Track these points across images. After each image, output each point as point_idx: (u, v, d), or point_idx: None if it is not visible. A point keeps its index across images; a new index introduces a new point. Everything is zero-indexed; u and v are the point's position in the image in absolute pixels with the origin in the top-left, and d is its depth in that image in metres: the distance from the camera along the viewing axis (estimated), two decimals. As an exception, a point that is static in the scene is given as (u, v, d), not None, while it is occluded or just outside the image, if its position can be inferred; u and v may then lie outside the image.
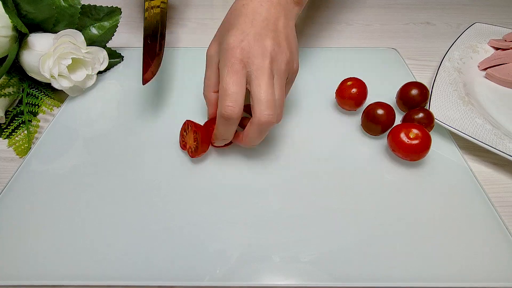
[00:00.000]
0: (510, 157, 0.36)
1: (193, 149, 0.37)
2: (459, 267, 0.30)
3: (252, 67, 0.32)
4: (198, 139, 0.36)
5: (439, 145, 0.41)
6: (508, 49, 0.52)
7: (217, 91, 0.36)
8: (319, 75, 0.50)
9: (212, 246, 0.31)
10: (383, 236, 0.32)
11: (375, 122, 0.39)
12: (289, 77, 0.36)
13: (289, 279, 0.29)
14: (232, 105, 0.32)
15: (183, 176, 0.37)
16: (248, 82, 0.32)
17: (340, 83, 0.44)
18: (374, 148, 0.40)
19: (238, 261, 0.30)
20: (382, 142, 0.41)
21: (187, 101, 0.46)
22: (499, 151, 0.36)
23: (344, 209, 0.34)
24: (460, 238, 0.32)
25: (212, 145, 0.38)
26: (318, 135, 0.41)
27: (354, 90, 0.42)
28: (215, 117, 0.35)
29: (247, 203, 0.34)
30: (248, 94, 0.33)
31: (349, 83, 0.43)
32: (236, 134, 0.36)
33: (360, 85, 0.42)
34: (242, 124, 0.36)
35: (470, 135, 0.38)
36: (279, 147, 0.40)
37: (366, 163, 0.38)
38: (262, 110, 0.32)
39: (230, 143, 0.38)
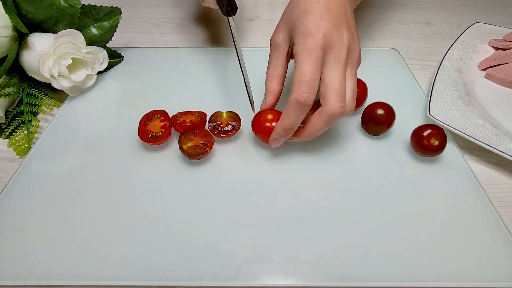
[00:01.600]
0: (510, 157, 0.36)
1: (153, 136, 0.38)
2: (459, 267, 0.30)
3: (330, 55, 0.32)
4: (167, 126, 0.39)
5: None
6: (508, 49, 0.52)
7: (283, 83, 0.37)
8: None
9: (212, 246, 0.31)
10: (383, 236, 0.32)
11: (375, 122, 0.39)
12: (357, 68, 0.35)
13: (289, 279, 0.29)
14: (309, 91, 0.31)
15: (183, 177, 0.37)
16: (322, 70, 0.32)
17: None
18: (374, 148, 0.40)
19: (238, 261, 0.30)
20: (382, 142, 0.41)
21: (187, 101, 0.46)
22: (499, 151, 0.36)
23: (344, 209, 0.34)
24: (460, 238, 0.32)
25: (269, 141, 0.36)
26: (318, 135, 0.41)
27: None
28: (269, 109, 0.36)
29: (247, 204, 0.34)
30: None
31: None
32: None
33: (360, 85, 0.42)
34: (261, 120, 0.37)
35: (470, 135, 0.38)
36: (278, 148, 0.40)
37: (366, 164, 0.38)
38: (335, 101, 0.32)
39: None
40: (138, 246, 0.31)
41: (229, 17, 0.44)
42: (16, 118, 0.42)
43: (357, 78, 0.42)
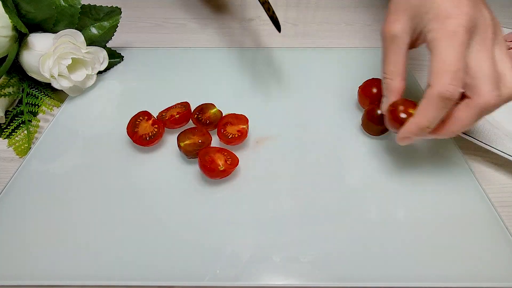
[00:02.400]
0: (510, 157, 0.36)
1: (150, 136, 0.38)
2: (459, 267, 0.30)
3: (475, 38, 0.28)
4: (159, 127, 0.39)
5: (439, 145, 0.41)
6: (509, 49, 0.52)
7: (406, 78, 0.32)
8: (319, 76, 0.50)
9: (212, 247, 0.31)
10: (383, 236, 0.32)
11: (375, 122, 0.39)
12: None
13: (289, 279, 0.29)
14: (456, 83, 0.27)
15: (183, 176, 0.37)
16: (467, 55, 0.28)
17: (366, 83, 0.43)
18: (374, 148, 0.40)
19: (238, 261, 0.30)
20: (382, 142, 0.41)
21: (187, 101, 0.46)
22: (499, 151, 0.36)
23: (344, 209, 0.34)
24: (460, 238, 0.32)
25: (397, 139, 0.32)
26: (318, 135, 0.41)
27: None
28: (390, 107, 0.32)
29: (246, 204, 0.34)
30: None
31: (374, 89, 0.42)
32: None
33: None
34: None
35: (470, 135, 0.38)
36: (278, 148, 0.40)
37: (366, 164, 0.38)
38: (488, 90, 0.27)
39: None
40: (138, 246, 0.31)
41: None
42: (16, 118, 0.42)
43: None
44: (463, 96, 0.29)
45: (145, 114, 0.40)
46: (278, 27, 0.40)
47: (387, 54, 0.33)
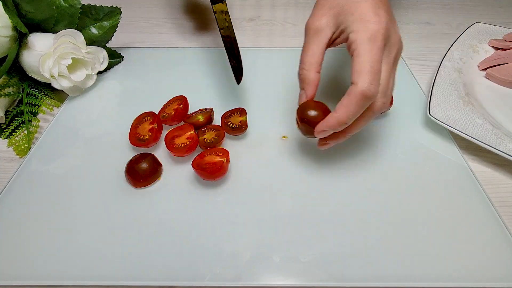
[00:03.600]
0: (510, 157, 0.36)
1: (145, 138, 0.38)
2: (459, 267, 0.30)
3: (386, 47, 0.31)
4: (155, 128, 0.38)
5: (439, 145, 0.41)
6: (508, 49, 0.52)
7: (320, 71, 0.33)
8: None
9: (213, 246, 0.31)
10: (382, 236, 0.32)
11: (309, 123, 0.32)
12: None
13: (289, 279, 0.29)
14: (376, 84, 0.29)
15: (183, 177, 0.37)
16: None
17: None
18: (373, 149, 0.40)
19: (238, 261, 0.30)
20: (381, 142, 0.41)
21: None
22: (499, 151, 0.36)
23: (343, 209, 0.34)
24: (460, 238, 0.32)
25: (315, 132, 0.32)
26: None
27: None
28: (311, 100, 0.33)
29: (246, 204, 0.34)
30: None
31: None
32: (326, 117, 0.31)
33: None
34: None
35: (470, 135, 0.38)
36: (277, 148, 0.40)
37: (365, 164, 0.38)
38: (380, 97, 0.30)
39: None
40: (138, 246, 0.31)
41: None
42: (16, 118, 0.42)
43: None
44: None
45: (152, 116, 0.40)
46: (238, 75, 0.41)
47: (307, 46, 0.33)
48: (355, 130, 0.32)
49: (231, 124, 0.40)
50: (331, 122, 0.31)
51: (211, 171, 0.34)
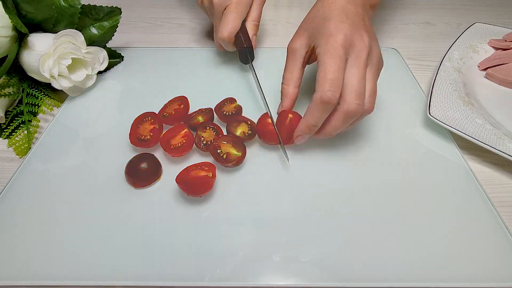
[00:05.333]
0: (510, 157, 0.36)
1: (147, 138, 0.38)
2: (459, 267, 0.30)
3: (352, 55, 0.33)
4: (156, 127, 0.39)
5: (439, 145, 0.41)
6: (508, 49, 0.52)
7: (298, 86, 0.38)
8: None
9: (212, 246, 0.31)
10: (382, 236, 0.32)
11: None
12: (379, 70, 0.36)
13: (289, 279, 0.29)
14: (334, 90, 0.32)
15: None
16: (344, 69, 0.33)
17: None
18: (373, 149, 0.40)
19: (238, 261, 0.30)
20: (380, 143, 0.41)
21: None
22: (499, 151, 0.36)
23: (343, 209, 0.34)
24: (460, 238, 0.32)
25: (293, 141, 0.37)
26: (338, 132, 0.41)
27: None
28: (288, 111, 0.38)
29: (246, 204, 0.34)
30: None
31: None
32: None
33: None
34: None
35: (470, 135, 0.38)
36: (277, 148, 0.40)
37: (365, 165, 0.38)
38: (352, 98, 0.32)
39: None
40: (138, 246, 0.31)
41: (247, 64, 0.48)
42: (16, 118, 0.42)
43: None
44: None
45: (153, 117, 0.39)
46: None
47: (287, 64, 0.39)
48: (332, 130, 0.35)
49: (226, 113, 0.41)
50: (301, 126, 0.35)
51: (195, 187, 0.33)
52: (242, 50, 0.48)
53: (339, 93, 0.32)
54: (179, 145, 0.37)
